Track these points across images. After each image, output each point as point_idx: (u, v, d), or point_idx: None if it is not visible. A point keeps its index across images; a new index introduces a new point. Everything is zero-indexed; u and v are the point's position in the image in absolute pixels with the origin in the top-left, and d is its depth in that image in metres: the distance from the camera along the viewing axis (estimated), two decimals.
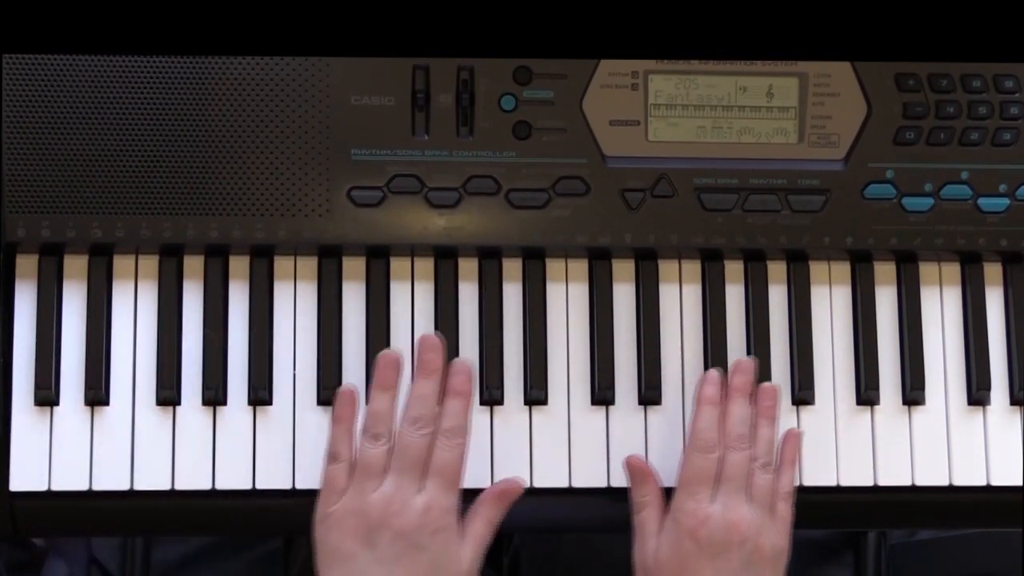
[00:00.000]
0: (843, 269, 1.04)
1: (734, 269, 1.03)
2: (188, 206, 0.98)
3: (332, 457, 0.92)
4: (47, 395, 0.97)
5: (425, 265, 1.01)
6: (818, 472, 1.01)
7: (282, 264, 1.00)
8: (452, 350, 0.99)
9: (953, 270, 1.04)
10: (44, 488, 0.97)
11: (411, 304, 1.01)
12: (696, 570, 0.91)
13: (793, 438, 0.98)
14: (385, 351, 0.95)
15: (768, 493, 0.94)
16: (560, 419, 1.00)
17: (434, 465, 0.91)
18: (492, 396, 1.00)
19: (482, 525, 0.93)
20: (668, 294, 1.02)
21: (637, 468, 0.97)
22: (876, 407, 1.02)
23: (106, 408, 0.98)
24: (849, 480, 1.01)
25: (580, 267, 1.02)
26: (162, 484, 0.97)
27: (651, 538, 0.94)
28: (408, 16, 0.95)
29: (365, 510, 0.89)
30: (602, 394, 1.00)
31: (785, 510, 0.95)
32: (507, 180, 0.99)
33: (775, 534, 0.94)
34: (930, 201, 1.02)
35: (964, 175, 1.02)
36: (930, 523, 1.19)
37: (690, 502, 0.92)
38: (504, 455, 0.99)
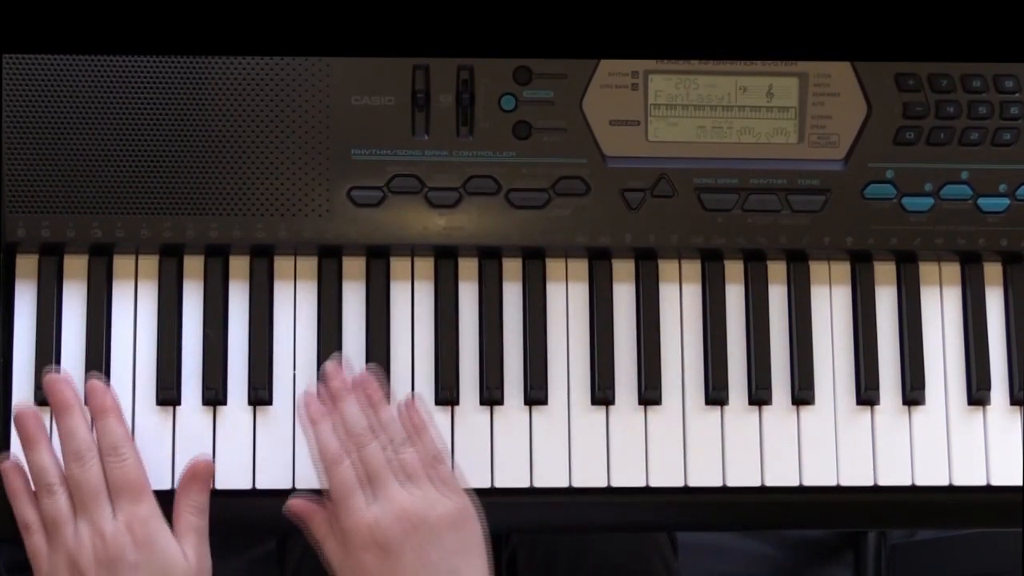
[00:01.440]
0: (843, 269, 1.04)
1: (734, 269, 1.03)
2: (188, 206, 0.98)
3: (24, 530, 0.91)
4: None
5: (425, 265, 1.01)
6: (818, 472, 1.01)
7: (282, 264, 1.00)
8: (452, 350, 0.99)
9: (953, 270, 1.04)
10: None
11: (411, 304, 1.01)
12: (391, 575, 0.88)
13: (410, 404, 0.96)
14: (17, 409, 0.94)
15: (418, 466, 0.91)
16: (560, 419, 1.00)
17: (113, 486, 0.90)
18: (492, 396, 1.00)
19: (191, 515, 0.92)
20: (668, 294, 1.02)
21: (298, 509, 0.94)
22: (876, 407, 1.02)
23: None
24: (849, 480, 1.01)
25: (580, 267, 1.02)
26: (162, 484, 0.97)
27: (341, 567, 0.90)
28: (408, 16, 0.95)
29: (73, 561, 0.88)
30: (602, 394, 1.00)
31: (444, 471, 0.92)
32: (507, 180, 0.99)
33: (446, 500, 0.90)
34: (930, 201, 1.02)
35: (964, 175, 1.02)
36: (930, 523, 1.19)
37: (350, 517, 0.89)
38: (504, 455, 0.99)
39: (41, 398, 0.96)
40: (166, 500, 0.95)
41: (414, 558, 0.88)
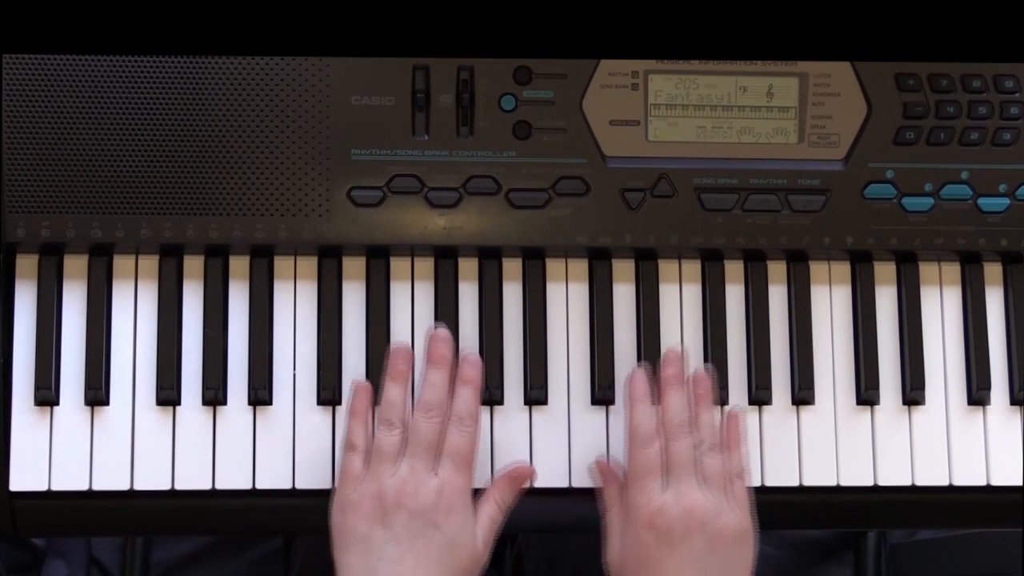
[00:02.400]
0: (843, 269, 1.04)
1: (734, 269, 1.03)
2: (188, 206, 0.98)
3: (349, 447, 0.94)
4: (47, 395, 0.97)
5: (425, 265, 1.01)
6: (818, 472, 1.01)
7: (282, 264, 1.00)
8: (452, 350, 0.99)
9: (953, 270, 1.04)
10: (44, 488, 0.97)
11: (411, 304, 1.01)
12: (658, 562, 0.91)
13: (734, 418, 0.98)
14: (397, 343, 0.97)
15: (720, 474, 0.94)
16: (560, 419, 1.00)
17: (447, 449, 0.93)
18: (492, 396, 1.00)
19: (494, 507, 0.95)
20: (668, 294, 1.02)
21: (601, 469, 0.97)
22: (876, 407, 1.02)
23: (106, 408, 0.98)
24: (849, 480, 1.01)
25: (580, 267, 1.02)
26: (162, 484, 0.97)
27: (615, 538, 0.94)
28: (408, 16, 0.95)
29: (381, 493, 0.90)
30: (602, 394, 1.00)
31: (740, 488, 0.95)
32: (507, 180, 0.99)
33: (734, 514, 0.93)
34: (930, 201, 1.02)
35: (964, 175, 1.02)
36: (930, 523, 1.19)
37: (641, 495, 0.92)
38: (504, 455, 0.99)
39: (41, 399, 0.97)
40: (165, 499, 0.96)
41: (693, 555, 0.90)
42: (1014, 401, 1.03)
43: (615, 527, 0.94)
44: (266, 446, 0.98)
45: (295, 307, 1.00)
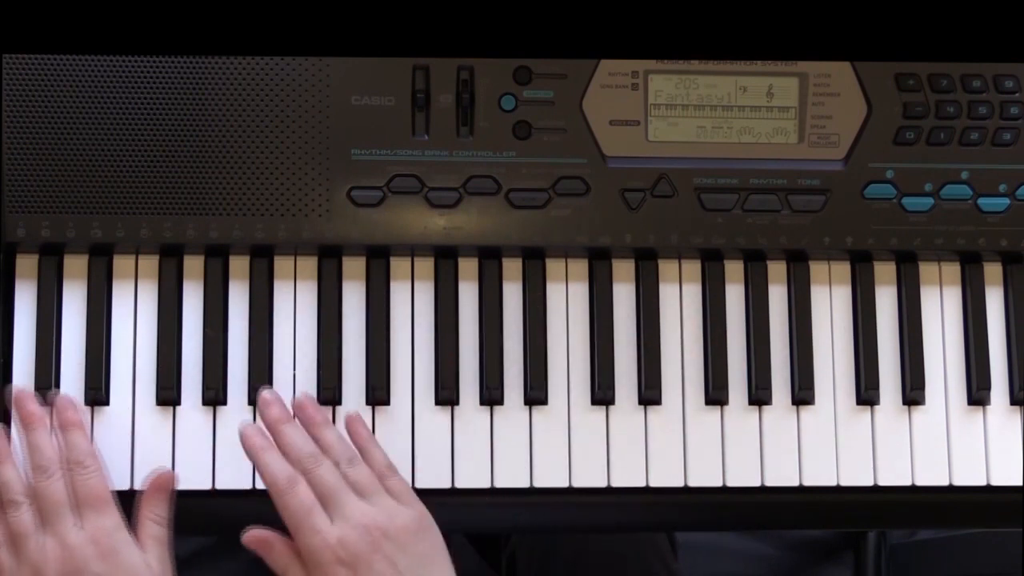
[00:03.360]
0: (843, 269, 1.04)
1: (734, 269, 1.03)
2: (188, 206, 0.98)
3: None
4: (47, 395, 0.97)
5: (425, 265, 1.01)
6: (818, 472, 1.01)
7: (282, 264, 1.00)
8: (452, 350, 0.99)
9: (953, 270, 1.04)
10: None
11: (411, 304, 1.01)
12: None
13: (353, 421, 0.96)
14: None
15: (371, 481, 0.91)
16: (560, 419, 1.00)
17: (80, 498, 0.90)
18: (492, 396, 1.00)
19: (151, 526, 0.92)
20: (668, 294, 1.02)
21: (257, 541, 0.91)
22: (876, 407, 1.02)
23: (106, 408, 0.98)
24: (849, 480, 1.01)
25: (580, 267, 1.02)
26: None
27: None
28: (408, 16, 0.95)
29: (37, 572, 0.88)
30: (602, 394, 1.00)
31: (397, 483, 0.92)
32: (507, 180, 0.99)
33: (405, 509, 0.90)
34: (930, 201, 1.02)
35: (964, 175, 1.02)
36: (930, 523, 1.19)
37: (314, 538, 0.88)
38: (504, 455, 0.99)
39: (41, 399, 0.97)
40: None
41: (384, 568, 0.87)
42: (1014, 401, 1.03)
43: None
44: None
45: (295, 307, 1.00)
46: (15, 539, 0.89)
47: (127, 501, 0.96)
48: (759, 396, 1.01)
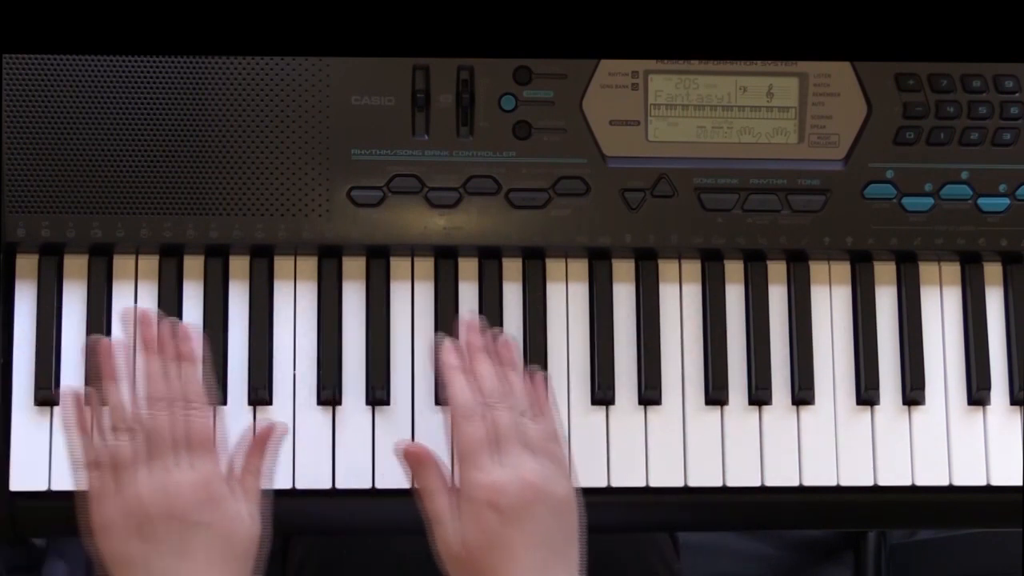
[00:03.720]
0: (843, 269, 1.04)
1: (734, 269, 1.03)
2: (188, 206, 0.98)
3: (89, 466, 0.86)
4: (47, 395, 0.97)
5: (425, 265, 1.01)
6: (818, 472, 1.01)
7: (282, 264, 1.00)
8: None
9: (953, 270, 1.04)
10: (44, 488, 0.97)
11: (411, 304, 1.01)
12: (506, 539, 0.85)
13: (540, 379, 0.95)
14: (95, 339, 0.90)
15: (541, 440, 0.90)
16: (560, 419, 1.00)
17: (187, 438, 0.86)
18: None
19: (251, 479, 0.89)
20: (668, 294, 1.02)
21: (414, 455, 0.91)
22: (876, 407, 1.02)
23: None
24: (849, 480, 1.01)
25: (580, 267, 1.02)
26: None
27: (450, 525, 0.87)
28: (408, 16, 0.95)
29: (132, 506, 0.83)
30: (602, 394, 1.00)
31: (559, 451, 0.91)
32: (507, 180, 0.99)
33: (561, 480, 0.89)
34: (930, 201, 1.02)
35: (964, 175, 1.02)
36: (930, 523, 1.19)
37: (477, 473, 0.86)
38: None
39: (41, 398, 0.97)
40: None
41: (532, 528, 0.86)
42: (1014, 401, 1.03)
43: (445, 512, 0.88)
44: None
45: (295, 307, 1.00)
46: (114, 466, 0.85)
47: None
48: (759, 396, 1.01)
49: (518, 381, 0.92)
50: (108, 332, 0.98)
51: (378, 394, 0.99)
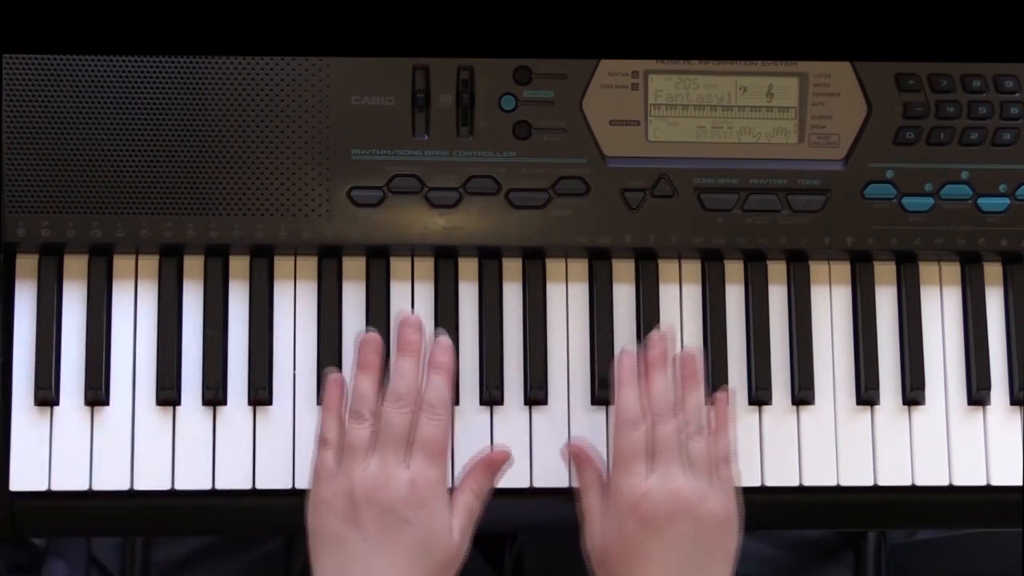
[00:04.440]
0: (843, 269, 1.04)
1: (734, 269, 1.03)
2: (188, 206, 0.98)
3: (322, 443, 0.92)
4: (47, 395, 0.97)
5: (425, 265, 1.01)
6: (818, 472, 1.01)
7: (282, 264, 1.00)
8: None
9: (953, 270, 1.04)
10: (44, 488, 0.97)
11: (411, 304, 1.01)
12: (643, 547, 0.89)
13: (722, 400, 0.97)
14: (366, 333, 0.95)
15: (705, 458, 0.92)
16: (560, 419, 1.00)
17: (418, 440, 0.90)
18: (492, 396, 1.00)
19: (470, 496, 0.93)
20: (668, 294, 1.02)
21: (577, 453, 0.95)
22: (876, 407, 1.02)
23: (106, 408, 0.98)
24: (849, 480, 1.01)
25: (580, 267, 1.02)
26: (162, 484, 0.97)
27: (596, 523, 0.92)
28: (408, 16, 0.95)
29: (352, 490, 0.88)
30: (602, 394, 1.00)
31: (727, 473, 0.94)
32: (507, 180, 0.99)
33: (719, 500, 0.91)
34: (930, 201, 1.02)
35: (964, 175, 1.02)
36: (930, 523, 1.19)
37: (627, 479, 0.90)
38: None
39: (41, 399, 0.97)
40: (165, 499, 0.96)
41: (672, 541, 0.88)
42: (1014, 401, 1.03)
43: (595, 512, 0.92)
44: (266, 446, 0.98)
45: (295, 307, 1.00)
46: (347, 449, 0.90)
47: (127, 501, 0.97)
48: (759, 396, 1.01)
49: (694, 397, 0.95)
50: (108, 332, 0.98)
51: None
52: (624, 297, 1.02)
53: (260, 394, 0.98)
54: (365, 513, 0.88)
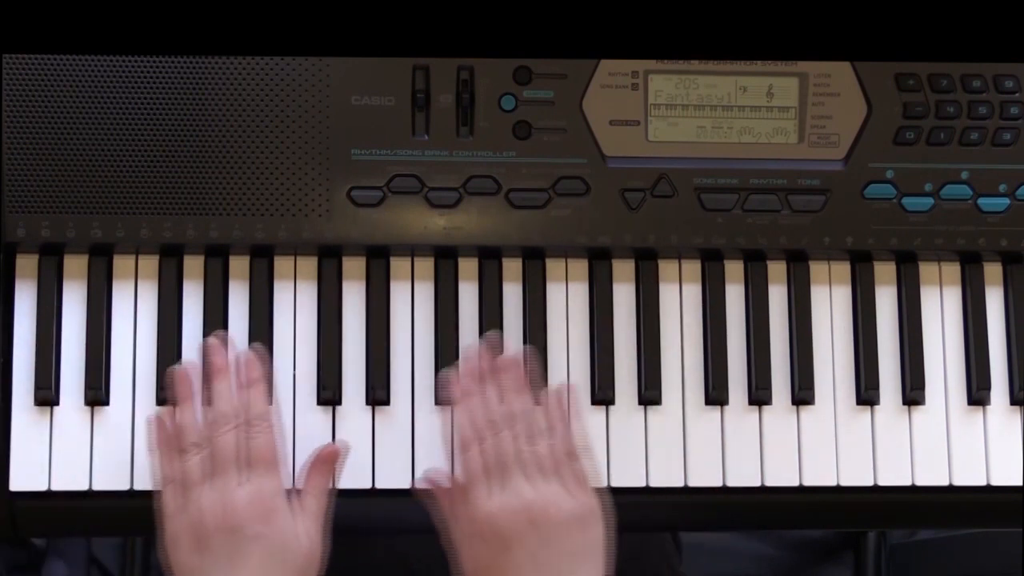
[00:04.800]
0: (843, 269, 1.04)
1: (734, 269, 1.03)
2: (188, 206, 0.98)
3: (160, 483, 0.92)
4: (47, 395, 0.97)
5: (425, 265, 1.01)
6: (818, 472, 1.01)
7: (282, 264, 1.00)
8: (452, 350, 0.99)
9: (953, 270, 1.04)
10: (44, 488, 0.97)
11: (411, 304, 1.01)
12: (496, 567, 0.88)
13: (555, 395, 0.95)
14: (173, 368, 0.95)
15: (549, 460, 0.91)
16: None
17: (247, 456, 0.90)
18: None
19: (313, 497, 0.93)
20: (668, 294, 1.02)
21: (431, 485, 0.95)
22: (876, 407, 1.02)
23: (106, 408, 0.98)
24: (849, 480, 1.01)
25: (580, 267, 1.02)
26: None
27: (459, 550, 0.91)
28: (408, 16, 0.95)
29: (196, 520, 0.88)
30: (602, 394, 1.00)
31: (577, 468, 0.92)
32: (507, 180, 0.99)
33: (572, 498, 0.89)
34: (930, 201, 1.02)
35: (964, 175, 1.02)
36: (930, 523, 1.19)
37: (472, 503, 0.89)
38: None
39: (41, 399, 0.97)
40: None
41: (527, 554, 0.87)
42: (1014, 401, 1.03)
43: (456, 539, 0.91)
44: None
45: (295, 307, 1.00)
46: (183, 484, 0.90)
47: (127, 501, 0.97)
48: (759, 396, 1.01)
49: (527, 401, 0.93)
50: (108, 332, 0.98)
51: (378, 394, 0.99)
52: (624, 297, 1.02)
53: None
54: (213, 539, 0.88)
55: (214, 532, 0.87)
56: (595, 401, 1.01)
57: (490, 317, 1.00)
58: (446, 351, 0.99)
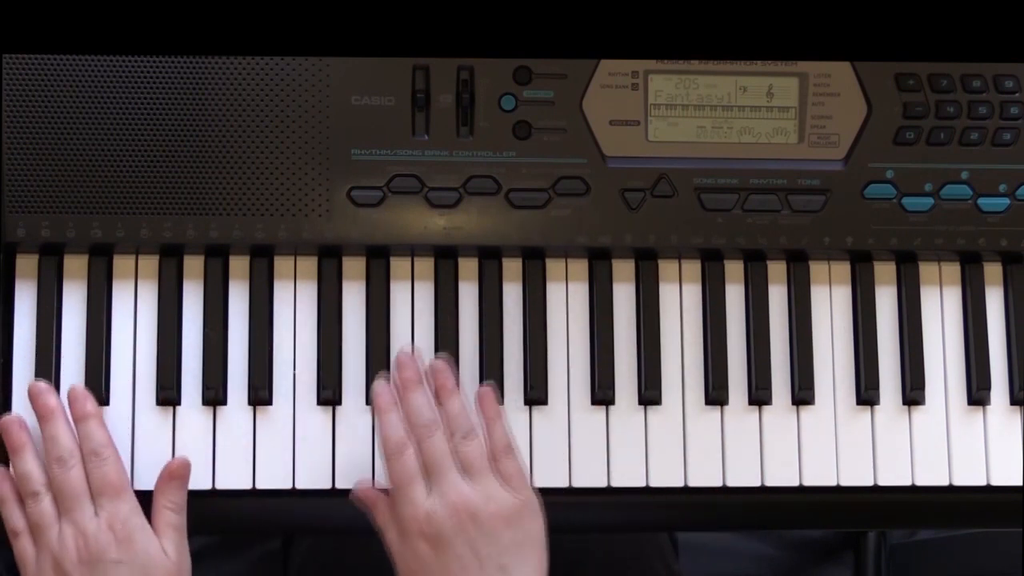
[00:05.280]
0: (843, 269, 1.04)
1: (734, 269, 1.03)
2: (188, 206, 0.98)
3: (12, 535, 0.93)
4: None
5: (425, 265, 1.01)
6: (818, 472, 1.01)
7: (282, 264, 1.00)
8: (452, 350, 0.99)
9: (953, 270, 1.04)
10: None
11: (411, 304, 1.01)
12: (436, 567, 0.89)
13: (485, 395, 0.96)
14: (3, 418, 0.95)
15: (481, 459, 0.92)
16: (560, 419, 1.00)
17: (95, 487, 0.92)
18: None
19: (168, 513, 0.93)
20: (668, 294, 1.02)
21: (362, 498, 0.95)
22: (876, 407, 1.02)
23: (107, 408, 0.98)
24: (849, 480, 1.01)
25: (580, 267, 1.02)
26: None
27: (397, 557, 0.92)
28: (408, 16, 0.95)
29: (56, 563, 0.90)
30: (602, 394, 1.00)
31: (510, 464, 0.93)
32: (507, 180, 0.99)
33: (505, 495, 0.91)
34: (930, 201, 1.02)
35: (964, 175, 1.02)
36: (930, 523, 1.19)
37: (407, 506, 0.90)
38: None
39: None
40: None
41: (464, 551, 0.88)
42: (1014, 401, 1.03)
43: (394, 547, 0.92)
44: (266, 446, 0.98)
45: (295, 307, 1.00)
46: (35, 529, 0.92)
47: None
48: (759, 396, 1.01)
49: (456, 402, 0.94)
50: (108, 332, 0.98)
51: None
52: (624, 297, 1.02)
53: (260, 394, 0.98)
54: (77, 574, 0.89)
55: (79, 569, 0.90)
56: (595, 401, 1.01)
57: (490, 317, 1.00)
58: (446, 351, 0.99)
